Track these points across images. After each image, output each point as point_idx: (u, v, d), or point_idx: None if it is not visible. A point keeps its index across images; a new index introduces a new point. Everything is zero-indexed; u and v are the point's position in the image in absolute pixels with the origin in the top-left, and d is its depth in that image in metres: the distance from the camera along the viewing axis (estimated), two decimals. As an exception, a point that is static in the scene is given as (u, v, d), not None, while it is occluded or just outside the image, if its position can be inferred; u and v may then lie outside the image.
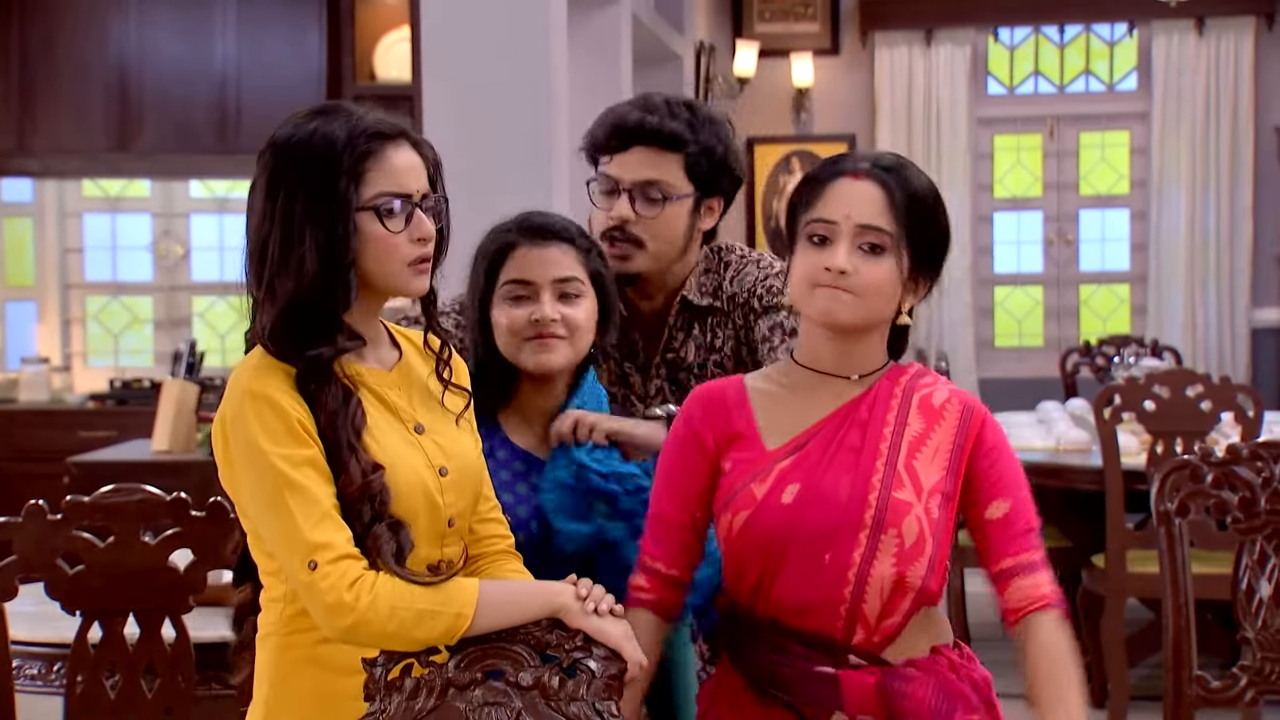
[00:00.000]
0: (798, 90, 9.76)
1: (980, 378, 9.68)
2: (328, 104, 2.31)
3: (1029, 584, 2.37)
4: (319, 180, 2.22)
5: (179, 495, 3.07)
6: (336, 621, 2.14)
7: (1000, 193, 9.97)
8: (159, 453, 6.24)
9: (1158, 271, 9.53)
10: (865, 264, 2.35)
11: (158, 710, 3.10)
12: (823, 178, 2.40)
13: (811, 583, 2.34)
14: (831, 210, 2.37)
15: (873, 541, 2.33)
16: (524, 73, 4.72)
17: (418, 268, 2.28)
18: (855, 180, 2.37)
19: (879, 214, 2.35)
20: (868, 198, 2.36)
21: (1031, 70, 9.91)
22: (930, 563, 2.34)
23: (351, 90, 8.07)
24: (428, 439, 2.34)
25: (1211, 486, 3.47)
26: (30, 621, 3.51)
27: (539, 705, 2.08)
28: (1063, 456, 6.12)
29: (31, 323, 8.95)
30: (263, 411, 2.20)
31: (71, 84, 8.23)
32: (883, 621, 2.36)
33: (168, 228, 9.03)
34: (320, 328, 2.25)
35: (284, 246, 2.23)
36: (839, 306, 2.35)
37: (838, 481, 2.35)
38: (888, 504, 2.33)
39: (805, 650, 2.37)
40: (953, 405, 2.41)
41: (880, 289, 2.36)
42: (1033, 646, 2.38)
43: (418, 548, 2.26)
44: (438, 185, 2.34)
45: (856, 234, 2.35)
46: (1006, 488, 2.39)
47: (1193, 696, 3.48)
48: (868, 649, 2.37)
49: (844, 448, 2.38)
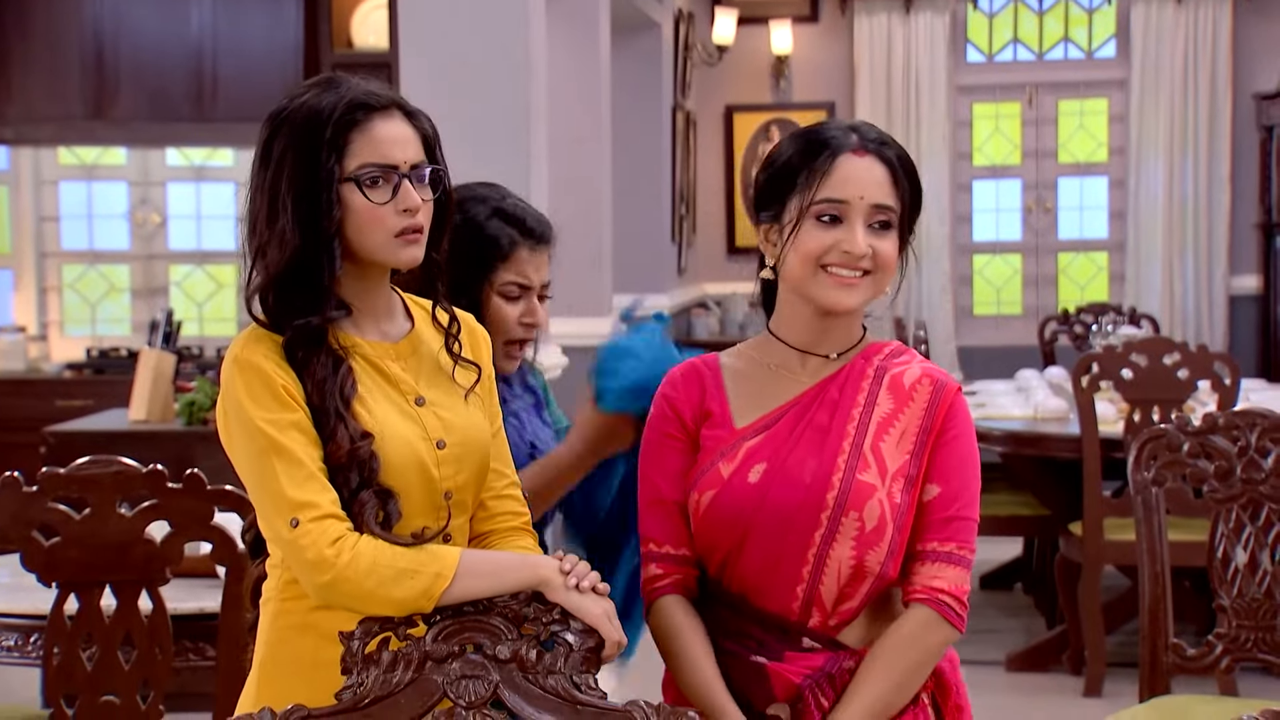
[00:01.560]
0: (777, 58, 9.74)
1: (959, 345, 9.70)
2: (326, 76, 2.33)
3: (926, 573, 2.34)
4: (304, 152, 2.24)
5: (155, 467, 3.07)
6: (315, 578, 2.16)
7: (979, 161, 9.97)
8: (136, 422, 6.21)
9: (1136, 239, 9.55)
10: (879, 242, 2.35)
11: (135, 681, 3.10)
12: (823, 155, 2.36)
13: (772, 563, 2.34)
14: (842, 189, 2.35)
15: (833, 524, 2.32)
16: (502, 41, 4.70)
17: (405, 238, 2.28)
18: (860, 158, 2.36)
19: (888, 193, 2.36)
20: (878, 176, 2.35)
21: (1011, 38, 9.90)
22: (890, 548, 2.33)
23: (329, 58, 8.03)
24: (428, 411, 2.34)
25: (1188, 456, 3.50)
26: (7, 592, 3.50)
27: (517, 678, 2.07)
28: (1041, 425, 6.14)
29: (8, 291, 8.91)
30: (249, 378, 2.23)
31: (46, 51, 8.17)
32: (840, 605, 2.35)
33: (144, 196, 8.99)
34: (309, 297, 2.26)
35: (269, 217, 2.26)
36: (849, 293, 2.36)
37: (803, 462, 2.35)
38: (851, 486, 2.32)
39: (760, 633, 2.37)
40: (923, 385, 2.39)
41: (892, 265, 2.37)
42: (893, 629, 2.35)
43: (413, 519, 2.27)
44: (437, 156, 2.34)
45: (869, 213, 2.35)
46: (944, 473, 2.35)
47: (1169, 664, 3.50)
48: (823, 631, 2.36)
49: (812, 427, 2.37)
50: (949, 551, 2.34)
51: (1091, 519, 5.61)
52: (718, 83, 9.80)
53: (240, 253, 2.33)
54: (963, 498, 2.36)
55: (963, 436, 2.38)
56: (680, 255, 8.93)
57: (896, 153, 2.39)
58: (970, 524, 2.37)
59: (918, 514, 2.36)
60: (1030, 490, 6.34)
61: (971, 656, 6.22)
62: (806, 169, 2.37)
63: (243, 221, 2.32)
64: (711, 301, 9.59)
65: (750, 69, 9.81)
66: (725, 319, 9.53)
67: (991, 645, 6.33)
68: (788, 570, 2.33)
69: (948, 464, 2.36)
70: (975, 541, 2.38)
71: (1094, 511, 5.60)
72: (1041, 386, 6.75)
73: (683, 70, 8.92)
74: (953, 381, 2.42)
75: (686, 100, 9.13)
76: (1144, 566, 3.54)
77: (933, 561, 2.34)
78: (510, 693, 2.06)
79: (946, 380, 2.41)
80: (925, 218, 9.52)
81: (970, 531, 2.36)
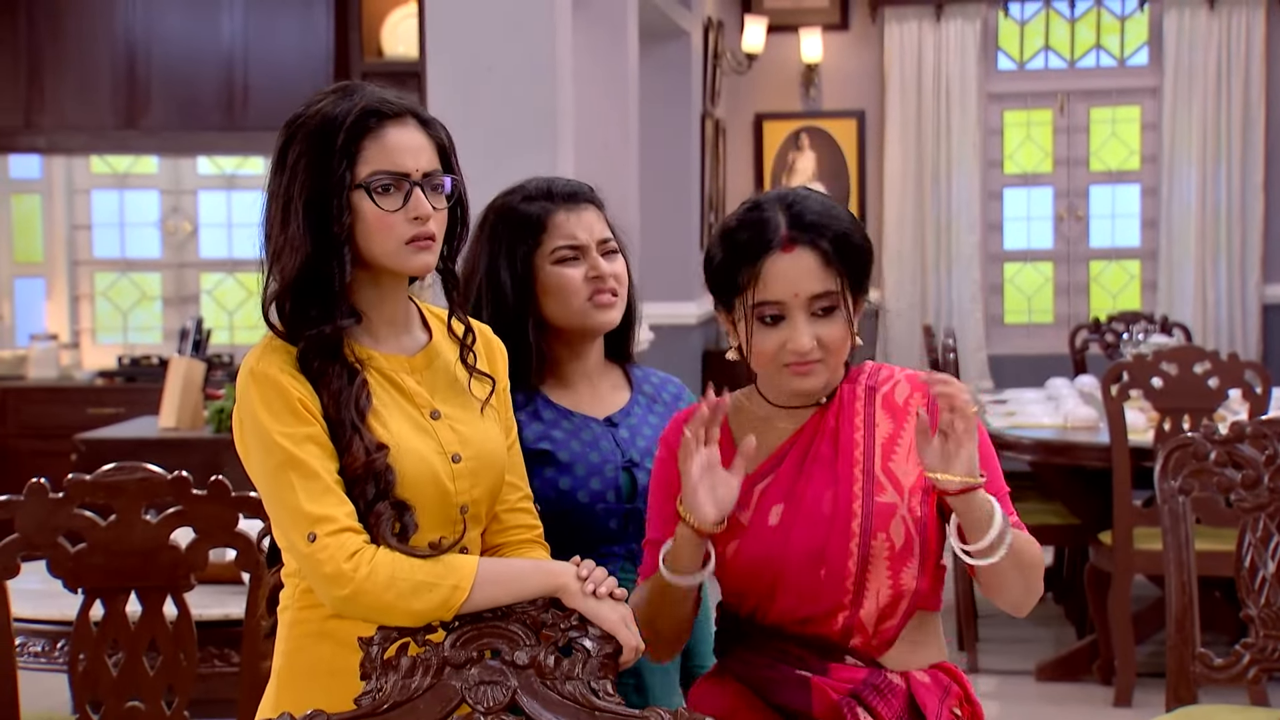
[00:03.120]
0: (807, 66, 9.73)
1: (990, 354, 9.67)
2: (344, 84, 2.34)
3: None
4: (317, 158, 2.25)
5: (180, 474, 3.08)
6: (334, 591, 2.17)
7: (1010, 169, 9.93)
8: (166, 430, 6.24)
9: (1168, 247, 9.50)
10: (823, 329, 2.36)
11: (160, 687, 3.11)
12: (749, 254, 2.35)
13: (809, 598, 2.35)
14: (776, 291, 2.35)
15: (864, 550, 2.33)
16: (528, 48, 4.71)
17: (416, 245, 2.28)
18: (788, 253, 2.35)
19: (821, 280, 2.35)
20: (807, 269, 2.35)
21: (1042, 45, 9.87)
22: (920, 562, 2.35)
23: (359, 67, 8.05)
24: (443, 425, 2.34)
25: (1215, 464, 3.47)
26: (35, 599, 3.51)
27: (535, 684, 2.07)
28: (1070, 434, 6.11)
29: (40, 299, 8.96)
30: (265, 390, 2.23)
31: (79, 60, 8.21)
32: (881, 624, 2.36)
33: (176, 204, 9.03)
34: (322, 306, 2.26)
35: (282, 223, 2.28)
36: (811, 381, 2.38)
37: (820, 496, 2.37)
38: (873, 510, 2.34)
39: (800, 650, 2.37)
40: (916, 399, 2.41)
41: (840, 346, 2.38)
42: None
43: (428, 533, 2.27)
44: (452, 164, 2.34)
45: (808, 304, 2.35)
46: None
47: (1196, 674, 3.48)
48: (866, 651, 2.37)
49: (818, 462, 2.39)
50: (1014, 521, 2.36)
51: (1121, 528, 5.58)
52: (747, 91, 9.79)
53: (260, 260, 2.35)
54: (998, 474, 2.40)
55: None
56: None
57: (833, 232, 2.35)
58: (1007, 497, 2.40)
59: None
60: (1060, 499, 6.31)
61: (1002, 666, 6.21)
62: (741, 272, 2.36)
63: (260, 227, 2.34)
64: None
65: (780, 77, 9.79)
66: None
67: (1022, 655, 6.31)
68: (827, 603, 2.35)
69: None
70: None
71: (1124, 521, 5.57)
72: (1072, 395, 6.72)
73: (712, 78, 8.92)
74: None
75: (716, 108, 9.13)
76: (1170, 576, 3.52)
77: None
78: (528, 698, 2.06)
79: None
80: (956, 225, 9.56)
81: (1009, 504, 2.39)
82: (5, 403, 8.18)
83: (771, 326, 2.36)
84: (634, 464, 2.75)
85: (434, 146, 2.32)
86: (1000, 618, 6.95)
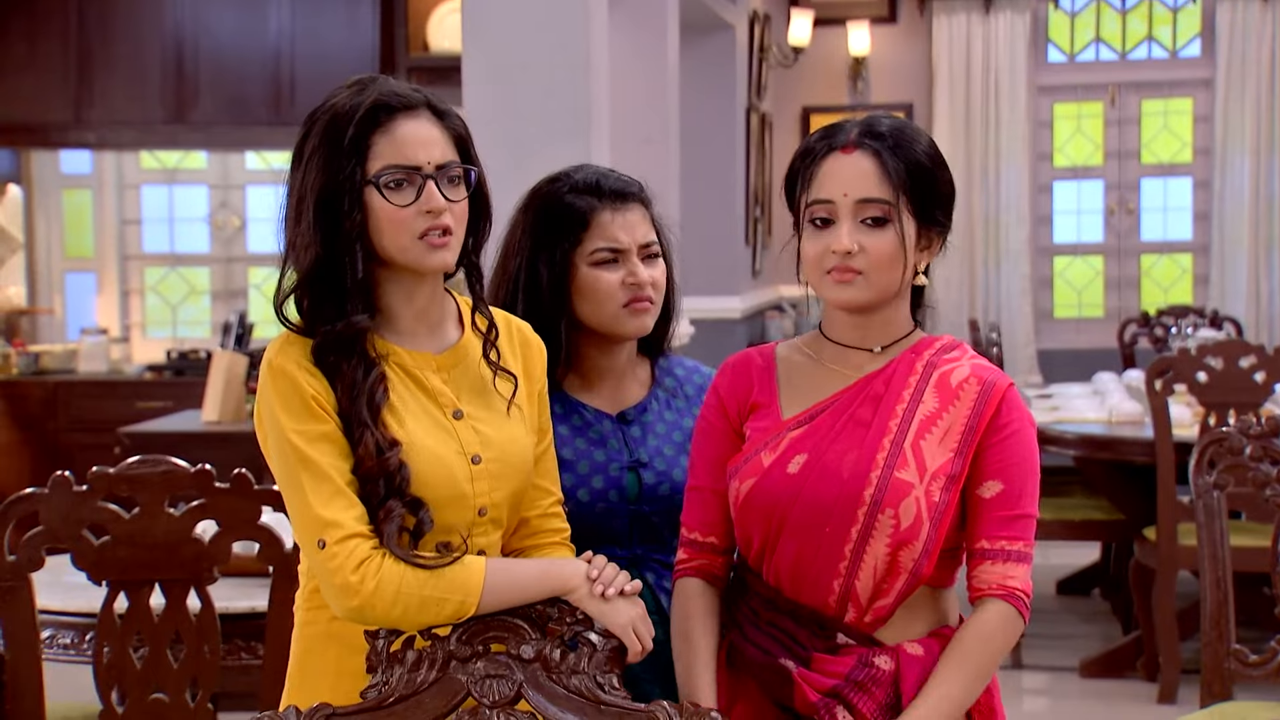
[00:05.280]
0: (854, 59, 9.67)
1: (1039, 349, 9.58)
2: (361, 77, 2.30)
3: (999, 571, 2.31)
4: (328, 154, 2.22)
5: (203, 467, 3.09)
6: (344, 602, 2.16)
7: (1060, 161, 9.85)
8: (209, 424, 6.28)
9: (1221, 241, 9.40)
10: (870, 239, 2.32)
11: (184, 680, 3.12)
12: (815, 154, 2.36)
13: (809, 556, 2.32)
14: (828, 189, 2.33)
15: (869, 520, 2.29)
16: (563, 43, 4.69)
17: (431, 240, 2.24)
18: (847, 155, 2.33)
19: (875, 185, 2.32)
20: (862, 171, 2.32)
21: (1093, 37, 9.78)
22: (925, 546, 2.30)
23: (405, 62, 8.09)
24: (466, 425, 2.31)
25: (1250, 459, 3.42)
26: (64, 591, 3.53)
27: (540, 678, 2.07)
28: (1115, 429, 6.05)
29: (91, 294, 9.04)
30: (281, 385, 2.22)
31: (128, 56, 8.28)
32: (874, 602, 2.32)
33: (224, 199, 9.09)
34: (337, 302, 2.24)
35: (296, 217, 2.25)
36: (851, 291, 2.33)
37: (843, 456, 2.33)
38: (888, 483, 2.29)
39: (793, 627, 2.34)
40: (970, 385, 2.35)
41: (887, 262, 2.32)
42: (969, 621, 2.33)
43: (443, 536, 2.24)
44: (471, 155, 2.31)
45: (856, 210, 2.32)
46: (1005, 470, 2.33)
47: (1230, 670, 3.44)
48: (858, 628, 2.33)
49: (854, 422, 2.35)
50: (1018, 550, 2.32)
51: (1165, 524, 5.52)
52: (794, 84, 9.75)
53: (277, 256, 2.32)
54: (1026, 494, 2.34)
55: (1021, 432, 2.35)
56: (755, 257, 8.89)
57: (892, 143, 2.33)
58: (1032, 520, 2.35)
59: (980, 510, 2.33)
60: (1105, 495, 6.25)
61: (1046, 662, 6.16)
62: (802, 172, 2.37)
63: (278, 222, 2.30)
64: (786, 304, 9.54)
65: (827, 70, 9.75)
66: (800, 322, 9.48)
67: (1067, 651, 6.25)
68: (824, 564, 2.31)
69: (1008, 460, 2.33)
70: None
71: (1168, 516, 5.51)
72: (1118, 390, 6.66)
73: (758, 72, 8.88)
74: (1002, 379, 2.37)
75: (762, 102, 9.09)
76: (1205, 572, 3.48)
77: (1003, 560, 2.31)
78: (534, 692, 2.06)
79: (995, 378, 2.37)
80: (1005, 219, 9.48)
81: (1032, 528, 2.35)
82: (56, 396, 8.26)
83: (820, 230, 2.33)
84: (641, 464, 2.69)
85: (450, 138, 2.28)
86: (1046, 613, 6.90)
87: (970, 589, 2.34)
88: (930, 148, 2.36)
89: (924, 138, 2.37)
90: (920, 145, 2.35)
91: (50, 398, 8.26)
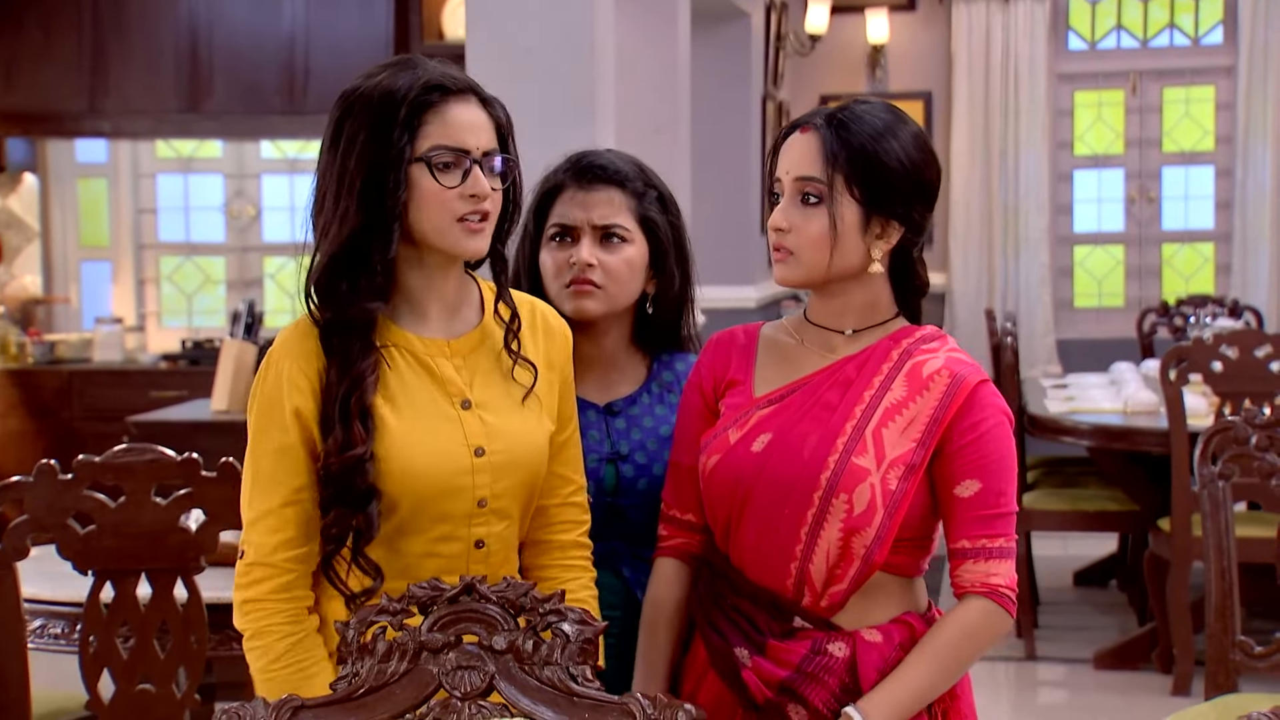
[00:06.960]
0: (873, 47, 9.61)
1: (1058, 338, 9.52)
2: (401, 57, 2.29)
3: (981, 569, 2.31)
4: (376, 131, 2.20)
5: (189, 455, 3.07)
6: (237, 620, 2.27)
7: (1080, 150, 9.77)
8: (218, 412, 6.26)
9: (1243, 230, 9.31)
10: (801, 218, 2.33)
11: (171, 669, 3.10)
12: (784, 135, 2.39)
13: (769, 536, 2.32)
14: (780, 168, 2.37)
15: (824, 504, 2.29)
16: (567, 30, 4.66)
17: (469, 225, 2.23)
18: (803, 134, 2.35)
19: (811, 164, 2.33)
20: (804, 150, 2.34)
21: (1114, 24, 9.70)
22: (879, 534, 2.28)
23: (420, 50, 8.03)
24: (473, 415, 2.28)
25: (1256, 449, 3.38)
26: (53, 580, 3.51)
27: (513, 669, 2.03)
28: (1131, 419, 6.00)
29: (106, 283, 9.03)
30: (267, 386, 2.24)
31: (142, 45, 8.27)
32: (829, 587, 2.31)
33: (239, 188, 9.07)
34: (355, 282, 2.22)
35: (335, 196, 2.21)
36: (782, 270, 2.37)
37: (805, 438, 2.32)
38: (845, 468, 2.28)
39: (752, 610, 2.34)
40: (941, 376, 2.33)
41: (814, 241, 2.32)
42: (949, 615, 2.33)
43: (434, 527, 2.24)
44: (509, 146, 2.29)
45: (795, 188, 2.34)
46: (982, 468, 2.31)
47: (1236, 662, 3.40)
48: (815, 612, 2.32)
49: (821, 404, 2.34)
50: (999, 546, 2.32)
51: (1179, 515, 5.46)
52: (812, 72, 9.69)
53: (304, 244, 2.29)
54: (1005, 491, 2.33)
55: (996, 429, 2.33)
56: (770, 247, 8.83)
57: (841, 123, 2.32)
58: (1012, 516, 2.34)
59: (959, 509, 2.31)
60: (1120, 485, 6.20)
61: (1060, 654, 6.11)
62: (772, 152, 2.41)
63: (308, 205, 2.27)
64: (803, 293, 9.49)
65: (845, 58, 9.69)
66: (818, 311, 9.43)
67: (1083, 643, 6.21)
68: (781, 546, 2.31)
69: (985, 458, 2.31)
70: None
71: (1182, 507, 5.45)
72: (1134, 379, 6.60)
73: (775, 60, 8.82)
74: (974, 374, 2.35)
75: (779, 90, 9.04)
76: (1210, 563, 3.44)
77: (985, 558, 2.31)
78: (506, 684, 2.02)
79: (967, 373, 2.34)
80: (1024, 208, 9.42)
81: (1012, 523, 2.34)
82: (71, 385, 8.26)
83: (775, 205, 2.38)
84: (620, 457, 2.64)
85: (493, 126, 2.27)
86: (1062, 605, 6.85)
87: (954, 587, 2.34)
88: (881, 128, 2.32)
89: (879, 120, 2.33)
90: (871, 125, 2.32)
91: (65, 387, 8.26)
